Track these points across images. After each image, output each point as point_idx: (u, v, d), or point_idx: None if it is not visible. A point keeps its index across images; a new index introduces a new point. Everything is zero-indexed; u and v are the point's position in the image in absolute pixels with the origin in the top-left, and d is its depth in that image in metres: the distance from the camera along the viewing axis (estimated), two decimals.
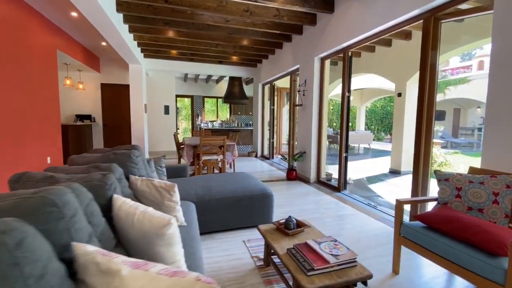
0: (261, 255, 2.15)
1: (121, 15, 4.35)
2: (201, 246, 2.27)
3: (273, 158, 7.33)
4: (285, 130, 8.21)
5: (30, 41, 4.17)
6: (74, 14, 4.47)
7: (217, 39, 5.41)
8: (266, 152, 7.76)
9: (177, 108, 9.30)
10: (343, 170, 4.08)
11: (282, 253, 1.64)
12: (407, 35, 4.98)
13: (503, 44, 1.92)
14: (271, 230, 2.01)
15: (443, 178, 1.93)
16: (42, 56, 4.54)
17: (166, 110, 8.66)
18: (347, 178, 4.84)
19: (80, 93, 7.64)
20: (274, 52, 6.37)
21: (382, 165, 6.86)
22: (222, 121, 10.89)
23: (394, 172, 5.80)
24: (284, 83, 7.02)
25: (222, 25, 4.63)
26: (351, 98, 12.97)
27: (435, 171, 2.02)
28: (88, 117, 7.76)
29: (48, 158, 4.73)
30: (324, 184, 4.51)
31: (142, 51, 6.52)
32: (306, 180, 4.82)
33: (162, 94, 8.62)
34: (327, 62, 4.52)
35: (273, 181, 4.78)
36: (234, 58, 7.13)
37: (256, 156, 7.96)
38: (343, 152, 4.05)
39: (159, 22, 4.61)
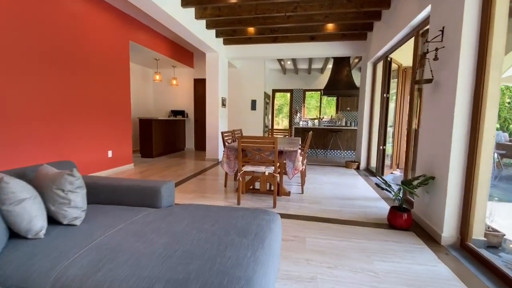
0: None
1: None
2: None
3: (383, 174, 4.75)
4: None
5: (99, 32, 4.04)
6: None
7: None
8: (374, 164, 5.23)
9: (266, 102, 8.07)
10: None
11: None
12: None
13: None
14: None
15: None
16: (112, 46, 4.38)
17: (253, 105, 7.60)
18: None
19: (174, 89, 7.75)
20: (390, 3, 3.90)
21: None
22: (319, 118, 8.82)
23: None
24: (409, 57, 4.23)
25: None
26: None
27: None
28: (181, 112, 7.79)
29: (109, 152, 4.54)
30: (476, 256, 1.95)
31: (217, 35, 5.62)
32: (432, 237, 2.34)
33: (250, 88, 7.61)
34: None
35: (358, 225, 2.58)
36: (330, 27, 5.07)
37: (357, 169, 5.55)
38: None
39: None
